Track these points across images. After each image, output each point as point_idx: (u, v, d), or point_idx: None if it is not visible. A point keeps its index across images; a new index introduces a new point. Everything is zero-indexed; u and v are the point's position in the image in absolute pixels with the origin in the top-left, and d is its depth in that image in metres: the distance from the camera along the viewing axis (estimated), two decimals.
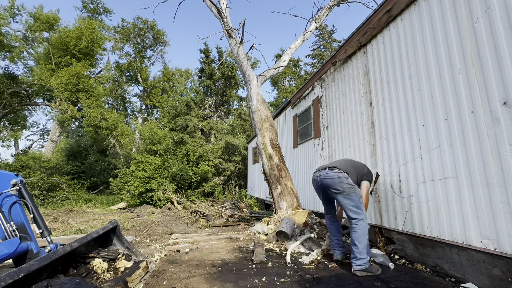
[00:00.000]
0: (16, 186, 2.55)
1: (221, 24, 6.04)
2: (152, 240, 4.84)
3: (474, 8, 2.31)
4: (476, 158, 2.22)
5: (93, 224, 6.94)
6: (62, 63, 14.97)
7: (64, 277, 2.08)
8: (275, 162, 5.07)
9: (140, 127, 17.87)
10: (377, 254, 2.89)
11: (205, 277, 2.45)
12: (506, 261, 1.96)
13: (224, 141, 14.97)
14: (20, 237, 2.46)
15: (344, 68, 4.59)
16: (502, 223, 1.99)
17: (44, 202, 11.03)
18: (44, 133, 23.03)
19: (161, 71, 25.18)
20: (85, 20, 16.83)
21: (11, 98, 14.73)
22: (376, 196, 3.51)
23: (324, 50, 24.24)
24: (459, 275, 2.34)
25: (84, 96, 14.65)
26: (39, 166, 12.91)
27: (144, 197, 11.55)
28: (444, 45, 2.59)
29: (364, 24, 3.75)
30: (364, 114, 3.91)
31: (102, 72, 21.43)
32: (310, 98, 5.99)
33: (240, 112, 19.44)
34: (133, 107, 27.39)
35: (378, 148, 3.54)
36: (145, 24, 23.19)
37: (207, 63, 20.32)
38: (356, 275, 2.47)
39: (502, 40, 2.06)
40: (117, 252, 2.81)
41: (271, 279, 2.39)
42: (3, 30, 14.73)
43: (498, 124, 2.06)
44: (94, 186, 15.97)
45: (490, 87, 2.13)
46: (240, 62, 5.90)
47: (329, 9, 6.77)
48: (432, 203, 2.64)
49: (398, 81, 3.22)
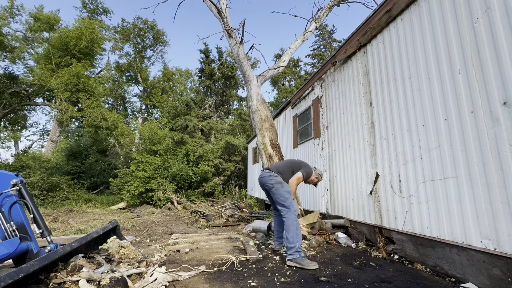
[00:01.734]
0: (16, 186, 2.56)
1: (221, 24, 6.05)
2: (152, 240, 4.84)
3: (474, 8, 2.31)
4: (476, 158, 2.22)
5: (93, 224, 6.94)
6: (62, 63, 14.96)
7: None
8: (275, 162, 5.07)
9: (140, 127, 17.85)
10: (341, 236, 3.55)
11: (205, 277, 2.45)
12: (506, 261, 1.96)
13: (224, 141, 14.97)
14: (20, 237, 2.47)
15: (344, 68, 4.59)
16: (502, 223, 1.99)
17: (44, 202, 11.02)
18: (44, 133, 23.02)
19: (161, 71, 25.15)
20: (85, 20, 16.82)
21: (11, 98, 14.72)
22: (376, 196, 3.51)
23: (324, 50, 24.23)
24: (459, 275, 2.35)
25: (84, 96, 14.65)
26: (39, 166, 12.90)
27: (144, 197, 11.55)
28: (444, 45, 2.59)
29: (364, 24, 3.75)
30: (364, 114, 3.92)
31: (102, 72, 21.44)
32: (310, 98, 5.99)
33: (240, 112, 19.44)
34: (133, 107, 27.38)
35: (378, 148, 3.54)
36: (145, 24, 23.17)
37: (207, 63, 20.32)
38: (289, 266, 2.71)
39: (502, 40, 2.07)
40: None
41: (271, 279, 2.39)
42: (3, 30, 14.73)
43: (498, 124, 2.06)
44: (94, 186, 15.97)
45: (490, 87, 2.13)
46: (240, 62, 5.90)
47: (329, 9, 6.77)
48: (432, 203, 2.64)
49: (398, 81, 3.22)
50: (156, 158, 12.82)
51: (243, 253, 3.26)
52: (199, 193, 13.04)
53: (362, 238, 3.73)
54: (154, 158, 12.71)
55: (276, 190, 3.09)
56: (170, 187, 11.46)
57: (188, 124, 14.92)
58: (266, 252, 3.32)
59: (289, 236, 2.82)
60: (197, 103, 18.42)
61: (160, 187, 11.32)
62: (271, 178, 3.18)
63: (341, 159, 4.51)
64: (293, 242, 2.77)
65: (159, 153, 13.33)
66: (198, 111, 17.32)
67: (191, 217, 7.94)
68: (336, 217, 4.47)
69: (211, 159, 14.04)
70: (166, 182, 11.75)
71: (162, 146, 13.48)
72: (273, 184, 3.12)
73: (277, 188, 3.09)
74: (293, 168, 3.40)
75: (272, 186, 3.12)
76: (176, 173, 12.03)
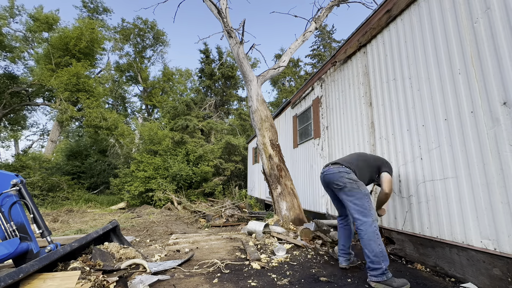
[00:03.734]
0: (16, 186, 2.55)
1: (221, 24, 6.05)
2: (152, 240, 4.84)
3: (473, 8, 2.31)
4: (476, 158, 2.22)
5: (93, 224, 6.94)
6: (62, 63, 14.96)
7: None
8: (275, 162, 5.07)
9: (140, 127, 17.84)
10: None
11: (205, 277, 2.45)
12: (506, 261, 1.96)
13: (224, 141, 14.98)
14: (20, 237, 2.46)
15: (344, 68, 4.59)
16: (502, 223, 1.99)
17: (44, 202, 11.02)
18: (44, 133, 23.00)
19: (161, 71, 25.16)
20: (85, 20, 16.82)
21: (11, 98, 14.72)
22: (376, 196, 3.51)
23: (324, 50, 24.25)
24: (459, 275, 2.35)
25: (84, 96, 14.64)
26: (39, 166, 12.90)
27: (144, 197, 11.56)
28: (444, 45, 2.59)
29: (364, 24, 3.75)
30: (364, 114, 3.92)
31: (102, 72, 21.44)
32: (310, 98, 5.99)
33: (240, 112, 19.45)
34: (133, 107, 27.39)
35: (378, 148, 3.54)
36: (145, 24, 23.18)
37: (207, 63, 20.33)
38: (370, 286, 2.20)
39: (502, 40, 2.07)
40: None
41: (271, 279, 2.39)
42: (3, 30, 14.73)
43: (498, 124, 2.06)
44: (94, 186, 15.97)
45: (490, 87, 2.13)
46: (240, 62, 5.91)
47: (329, 9, 6.77)
48: (432, 203, 2.64)
49: (398, 81, 3.22)
50: (156, 158, 12.83)
51: (243, 253, 3.26)
52: (199, 193, 13.05)
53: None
54: (154, 158, 12.71)
55: (350, 191, 2.38)
56: (170, 187, 11.46)
57: (188, 124, 14.93)
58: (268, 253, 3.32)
59: (372, 255, 2.19)
60: (197, 103, 18.43)
61: (160, 187, 11.33)
62: (341, 174, 2.45)
63: None
64: (378, 262, 2.16)
65: (159, 153, 13.34)
66: (198, 111, 17.33)
67: (191, 217, 7.94)
68: (335, 218, 4.47)
69: (211, 159, 14.05)
70: (166, 182, 11.75)
71: (162, 146, 13.49)
72: (346, 184, 2.40)
73: (351, 189, 2.37)
74: (369, 163, 2.70)
75: (345, 186, 2.40)
76: (176, 173, 12.04)
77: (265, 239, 3.91)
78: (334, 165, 2.59)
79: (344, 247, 2.68)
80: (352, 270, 2.62)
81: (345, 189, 2.40)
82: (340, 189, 2.44)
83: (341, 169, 2.50)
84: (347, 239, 2.68)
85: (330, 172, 2.55)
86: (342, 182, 2.42)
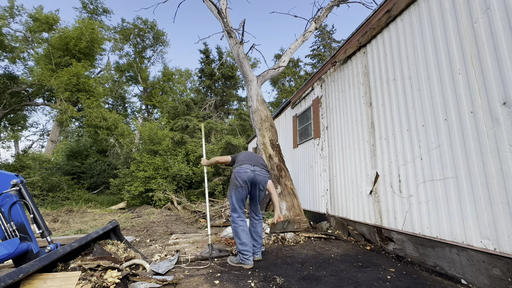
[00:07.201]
0: (16, 186, 2.55)
1: (221, 25, 6.05)
2: (152, 240, 4.83)
3: (473, 9, 2.31)
4: (476, 158, 2.22)
5: (93, 224, 6.94)
6: (62, 63, 14.95)
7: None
8: (275, 162, 5.07)
9: (140, 127, 17.83)
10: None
11: (205, 277, 2.45)
12: (505, 261, 1.96)
13: (224, 141, 14.97)
14: (20, 237, 2.46)
15: (344, 68, 4.59)
16: (502, 223, 1.99)
17: (44, 202, 11.02)
18: (44, 133, 22.99)
19: (161, 71, 25.14)
20: (85, 20, 16.82)
21: (11, 98, 14.70)
22: (376, 196, 3.51)
23: (324, 50, 24.25)
24: (458, 275, 2.35)
25: (84, 96, 14.63)
26: (39, 166, 12.89)
27: (144, 197, 11.55)
28: (444, 46, 2.59)
29: (364, 25, 3.75)
30: (364, 114, 3.92)
31: (102, 72, 21.43)
32: (310, 98, 5.99)
33: (240, 112, 19.44)
34: (133, 107, 27.36)
35: (378, 148, 3.55)
36: (145, 25, 23.16)
37: (207, 63, 20.33)
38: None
39: (502, 40, 2.07)
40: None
41: (271, 279, 2.39)
42: (3, 30, 14.72)
43: (498, 124, 2.06)
44: (94, 186, 15.96)
45: (490, 87, 2.14)
46: (240, 63, 5.91)
47: (329, 9, 6.77)
48: (432, 203, 2.64)
49: (398, 82, 3.22)
50: (156, 158, 12.82)
51: None
52: (199, 193, 13.04)
53: (361, 238, 3.73)
54: (154, 158, 12.70)
55: (263, 193, 2.96)
56: (170, 187, 11.45)
57: (188, 124, 14.93)
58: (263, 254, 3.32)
59: (261, 240, 3.05)
60: (197, 103, 18.43)
61: (160, 187, 11.32)
62: (267, 180, 2.99)
63: (341, 159, 4.51)
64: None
65: (159, 153, 13.33)
66: (198, 111, 17.33)
67: (191, 217, 7.93)
68: (335, 217, 4.47)
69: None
70: (166, 182, 11.74)
71: (162, 146, 13.48)
72: (264, 187, 2.95)
73: (264, 191, 2.98)
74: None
75: (264, 189, 2.94)
76: (176, 173, 12.03)
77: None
78: (263, 170, 2.98)
79: (257, 242, 3.09)
80: (351, 270, 2.62)
81: (263, 191, 2.98)
82: (262, 190, 2.97)
83: (267, 174, 3.01)
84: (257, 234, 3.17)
85: (263, 175, 2.95)
86: (263, 186, 2.96)
